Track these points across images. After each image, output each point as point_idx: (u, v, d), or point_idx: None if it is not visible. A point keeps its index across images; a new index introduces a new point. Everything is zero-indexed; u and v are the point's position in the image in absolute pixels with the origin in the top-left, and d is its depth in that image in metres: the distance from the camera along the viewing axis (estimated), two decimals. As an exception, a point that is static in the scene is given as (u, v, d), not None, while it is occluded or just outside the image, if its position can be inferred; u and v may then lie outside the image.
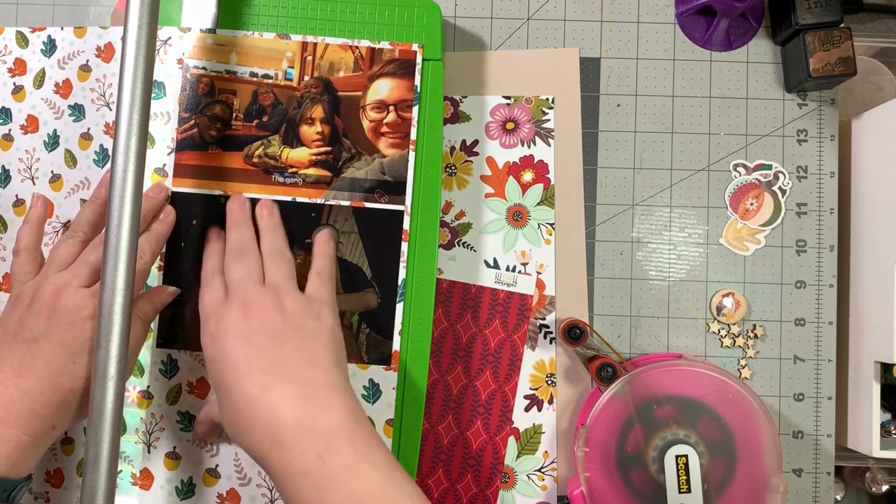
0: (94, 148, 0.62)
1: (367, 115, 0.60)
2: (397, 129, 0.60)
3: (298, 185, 0.60)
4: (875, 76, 0.68)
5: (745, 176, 0.66)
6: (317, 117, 0.60)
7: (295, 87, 0.60)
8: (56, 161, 0.62)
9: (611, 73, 0.66)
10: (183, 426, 0.59)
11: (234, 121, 0.60)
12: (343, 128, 0.60)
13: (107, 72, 0.62)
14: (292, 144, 0.60)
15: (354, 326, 0.60)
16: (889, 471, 0.66)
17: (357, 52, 0.60)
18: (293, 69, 0.60)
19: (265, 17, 0.61)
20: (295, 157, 0.60)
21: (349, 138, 0.60)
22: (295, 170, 0.60)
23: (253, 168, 0.60)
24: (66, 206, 0.62)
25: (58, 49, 0.63)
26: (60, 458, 0.60)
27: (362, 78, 0.60)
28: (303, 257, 0.59)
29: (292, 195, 0.60)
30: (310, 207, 0.60)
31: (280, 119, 0.60)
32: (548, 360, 0.65)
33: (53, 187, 0.62)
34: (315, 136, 0.60)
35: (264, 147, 0.60)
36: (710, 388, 0.60)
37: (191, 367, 0.59)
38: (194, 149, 0.60)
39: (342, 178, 0.60)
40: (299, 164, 0.60)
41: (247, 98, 0.60)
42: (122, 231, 0.49)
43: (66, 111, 0.62)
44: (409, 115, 0.60)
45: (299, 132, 0.60)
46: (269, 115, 0.60)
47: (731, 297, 0.65)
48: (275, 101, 0.60)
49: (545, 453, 0.64)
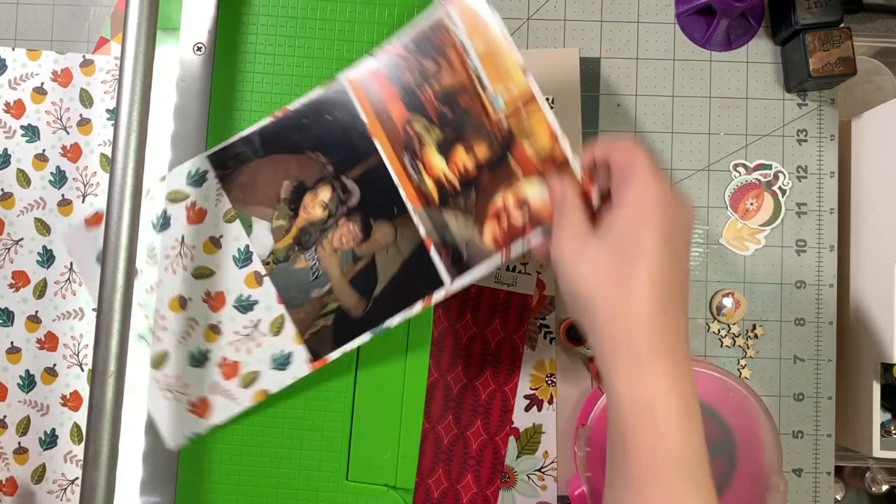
0: (49, 169, 0.63)
1: (504, 196, 0.57)
2: (511, 233, 0.56)
3: (410, 180, 0.58)
4: (875, 76, 0.68)
5: (745, 176, 0.66)
6: (477, 154, 0.57)
7: (490, 116, 0.57)
8: (6, 179, 0.63)
9: (611, 73, 0.66)
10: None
11: (431, 79, 0.57)
12: (483, 182, 0.57)
13: (64, 96, 0.64)
14: (442, 150, 0.58)
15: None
16: (889, 471, 0.66)
17: (556, 147, 0.56)
18: (503, 102, 0.57)
19: (265, 17, 0.61)
20: (431, 160, 0.58)
21: (476, 194, 0.58)
22: (421, 168, 0.58)
23: (400, 132, 0.58)
24: (18, 224, 0.63)
25: (8, 69, 0.64)
26: (13, 468, 0.62)
27: (532, 167, 0.56)
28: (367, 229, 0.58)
29: (399, 181, 0.58)
30: (398, 200, 0.58)
31: (456, 123, 0.57)
32: (548, 360, 0.65)
33: (4, 205, 0.63)
34: (461, 164, 0.57)
35: (425, 128, 0.57)
36: (710, 388, 0.60)
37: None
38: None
39: (439, 212, 0.58)
40: (427, 168, 0.58)
41: (460, 79, 0.57)
42: (121, 228, 0.49)
43: (18, 131, 0.64)
44: (529, 232, 0.56)
45: (455, 148, 0.57)
46: (454, 111, 0.57)
47: (731, 297, 0.65)
48: (469, 106, 0.57)
49: (545, 453, 0.64)
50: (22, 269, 0.63)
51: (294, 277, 0.59)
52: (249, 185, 0.59)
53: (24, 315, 0.63)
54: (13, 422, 0.62)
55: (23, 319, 0.63)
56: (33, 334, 0.63)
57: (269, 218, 0.59)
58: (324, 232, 0.59)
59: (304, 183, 0.59)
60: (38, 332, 0.63)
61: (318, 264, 0.59)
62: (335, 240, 0.59)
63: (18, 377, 0.62)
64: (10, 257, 0.63)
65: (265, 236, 0.59)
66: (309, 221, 0.59)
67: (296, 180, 0.59)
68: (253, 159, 0.59)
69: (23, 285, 0.63)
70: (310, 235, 0.59)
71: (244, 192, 0.59)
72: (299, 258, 0.59)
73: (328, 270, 0.59)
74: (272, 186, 0.59)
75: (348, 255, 0.59)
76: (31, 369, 0.62)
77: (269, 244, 0.59)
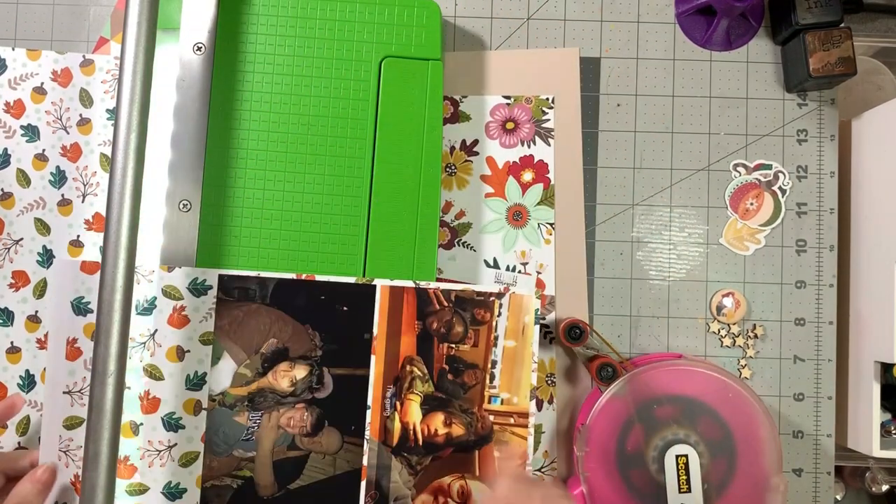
0: (49, 169, 0.63)
1: (453, 481, 0.58)
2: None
3: (382, 411, 0.59)
4: (875, 76, 0.68)
5: (745, 176, 0.66)
6: (453, 430, 0.59)
7: (481, 406, 0.59)
8: (6, 179, 0.63)
9: (611, 73, 0.66)
10: None
11: (453, 340, 0.60)
12: (443, 456, 0.59)
13: (63, 96, 0.63)
14: (424, 404, 0.59)
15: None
16: (889, 471, 0.66)
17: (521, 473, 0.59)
18: (500, 403, 0.59)
19: (265, 16, 0.61)
20: (410, 407, 0.59)
21: (431, 462, 0.59)
22: (398, 407, 0.59)
23: (399, 364, 0.59)
24: (18, 224, 0.63)
25: (8, 69, 0.64)
26: None
27: (491, 474, 0.59)
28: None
29: (372, 406, 0.58)
30: (360, 421, 0.58)
31: (450, 390, 0.59)
32: (548, 360, 0.65)
33: (4, 205, 0.63)
34: (434, 428, 0.59)
35: (421, 377, 0.59)
36: (710, 388, 0.60)
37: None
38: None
39: (390, 456, 0.58)
40: (403, 411, 0.59)
41: (476, 359, 0.60)
42: (121, 228, 0.49)
43: (17, 131, 0.63)
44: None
45: (436, 411, 0.59)
46: (455, 380, 0.59)
47: (731, 297, 0.65)
48: (470, 385, 0.59)
49: (545, 453, 0.64)
50: (22, 268, 0.63)
51: (228, 427, 0.59)
52: (240, 323, 0.59)
53: (24, 315, 0.63)
54: (13, 422, 0.62)
55: (23, 319, 0.63)
56: (33, 334, 0.63)
57: (239, 362, 0.59)
58: (279, 405, 0.59)
59: (287, 351, 0.59)
60: (38, 332, 0.63)
61: (256, 429, 0.59)
62: (284, 418, 0.59)
63: (18, 377, 0.62)
64: (10, 257, 0.63)
65: (226, 376, 0.59)
66: (271, 387, 0.59)
67: (282, 344, 0.59)
68: (256, 302, 0.59)
69: (23, 285, 0.63)
70: (265, 399, 0.59)
71: (232, 326, 0.59)
72: (243, 413, 0.59)
73: (261, 441, 0.59)
74: (258, 336, 0.59)
75: (287, 439, 0.59)
76: (31, 369, 0.62)
77: (225, 384, 0.59)
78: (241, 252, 0.60)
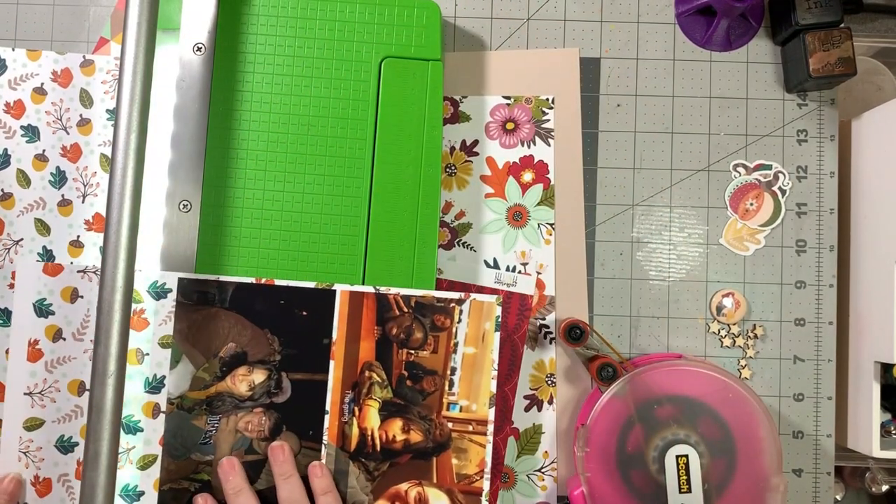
0: (49, 169, 0.63)
1: (410, 488, 0.58)
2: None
3: (341, 416, 0.59)
4: (875, 76, 0.68)
5: (745, 176, 0.66)
6: (411, 436, 0.59)
7: (440, 413, 0.59)
8: (6, 179, 0.63)
9: (611, 73, 0.66)
10: None
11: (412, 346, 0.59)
12: (401, 462, 0.59)
13: (63, 96, 0.63)
14: (383, 410, 0.59)
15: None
16: (889, 471, 0.66)
17: (479, 481, 0.59)
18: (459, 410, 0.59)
19: (265, 16, 0.61)
20: (369, 413, 0.59)
21: (388, 468, 0.59)
22: (356, 413, 0.59)
23: (357, 370, 0.59)
24: (18, 224, 0.63)
25: (8, 69, 0.64)
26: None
27: (447, 481, 0.59)
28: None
29: (330, 411, 0.58)
30: (318, 426, 0.58)
31: (409, 396, 0.59)
32: (548, 360, 0.65)
33: (4, 205, 0.63)
34: (392, 434, 0.59)
35: (380, 383, 0.59)
36: (710, 388, 0.60)
37: None
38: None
39: (347, 461, 0.58)
40: (361, 417, 0.59)
41: (435, 366, 0.59)
42: (121, 228, 0.49)
43: (18, 131, 0.63)
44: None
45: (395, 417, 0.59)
46: (413, 386, 0.59)
47: (731, 297, 0.65)
48: (429, 392, 0.59)
49: (545, 453, 0.64)
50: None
51: (186, 430, 0.58)
52: (199, 327, 0.59)
53: (24, 315, 0.63)
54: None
55: (23, 319, 0.63)
56: None
57: (197, 365, 0.59)
58: (237, 409, 0.59)
59: (246, 355, 0.59)
60: (37, 333, 0.63)
61: (214, 433, 0.59)
62: (241, 422, 0.59)
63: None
64: (10, 257, 0.63)
65: (184, 379, 0.59)
66: (229, 391, 0.59)
67: (241, 348, 0.59)
68: (216, 306, 0.59)
69: (23, 285, 0.63)
70: (223, 403, 0.59)
71: (191, 330, 0.59)
72: (201, 417, 0.59)
73: (219, 444, 0.59)
74: (217, 340, 0.59)
75: (245, 443, 0.59)
76: None
77: (183, 388, 0.59)
78: (241, 252, 0.60)
